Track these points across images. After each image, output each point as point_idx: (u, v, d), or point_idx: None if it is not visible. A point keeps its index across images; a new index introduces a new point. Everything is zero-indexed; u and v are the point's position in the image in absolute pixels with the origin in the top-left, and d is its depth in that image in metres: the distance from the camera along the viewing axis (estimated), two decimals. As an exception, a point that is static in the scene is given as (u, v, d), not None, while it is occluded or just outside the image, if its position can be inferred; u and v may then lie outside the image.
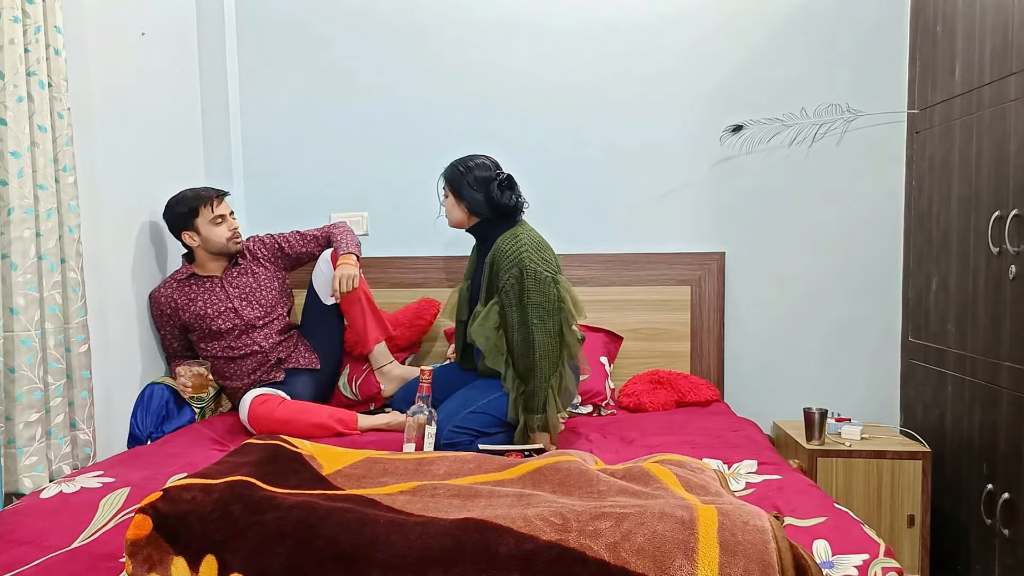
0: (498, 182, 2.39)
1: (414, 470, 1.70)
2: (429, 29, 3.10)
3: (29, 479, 2.00)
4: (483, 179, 2.39)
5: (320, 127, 3.16)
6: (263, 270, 2.71)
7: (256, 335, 2.61)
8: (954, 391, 2.53)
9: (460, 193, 2.41)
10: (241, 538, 1.34)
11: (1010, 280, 2.19)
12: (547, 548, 1.26)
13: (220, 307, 2.60)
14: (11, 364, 1.98)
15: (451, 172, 2.44)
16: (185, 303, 2.60)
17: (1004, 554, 2.23)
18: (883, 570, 1.43)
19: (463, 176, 2.40)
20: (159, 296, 2.62)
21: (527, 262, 2.26)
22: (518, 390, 2.28)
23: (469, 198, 2.40)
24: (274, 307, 2.68)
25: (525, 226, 2.41)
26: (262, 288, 2.68)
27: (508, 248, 2.31)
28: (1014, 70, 2.19)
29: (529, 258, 2.27)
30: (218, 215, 2.59)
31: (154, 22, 2.77)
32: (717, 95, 3.00)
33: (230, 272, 2.66)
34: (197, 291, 2.61)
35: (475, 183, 2.39)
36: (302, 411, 2.44)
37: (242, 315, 2.61)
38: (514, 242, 2.31)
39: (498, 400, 2.31)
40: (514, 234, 2.34)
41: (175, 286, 2.62)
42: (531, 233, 2.37)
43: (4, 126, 1.97)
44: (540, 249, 2.32)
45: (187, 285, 2.62)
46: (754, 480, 1.90)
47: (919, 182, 2.81)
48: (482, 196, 2.39)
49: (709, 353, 3.00)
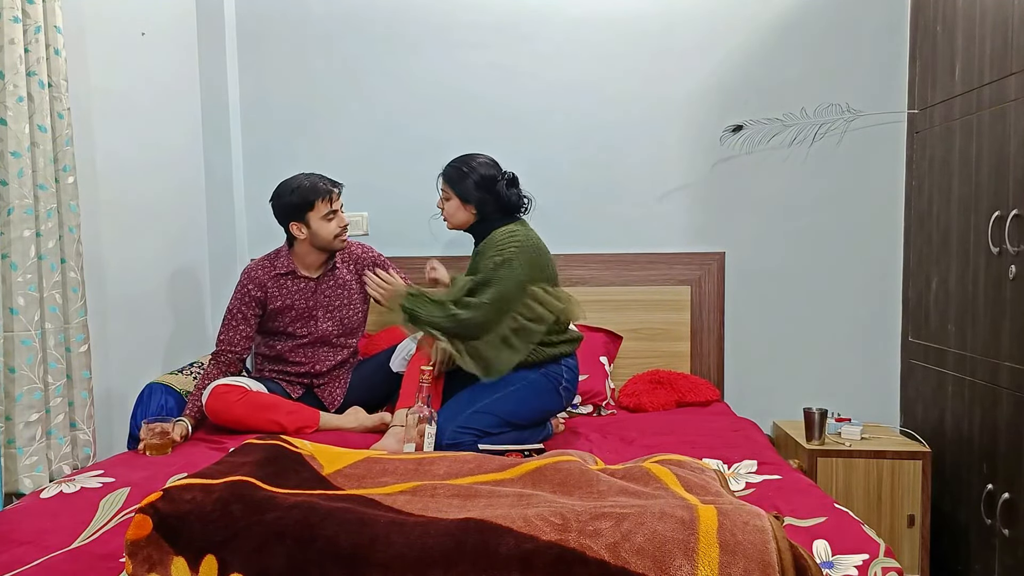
0: (505, 180, 2.39)
1: (414, 470, 1.70)
2: (429, 29, 3.10)
3: (29, 479, 2.01)
4: (489, 178, 2.37)
5: (320, 127, 3.16)
6: (359, 286, 2.62)
7: (321, 352, 2.56)
8: (954, 391, 2.53)
9: (465, 194, 2.37)
10: (241, 538, 1.34)
11: (1010, 280, 2.19)
12: (547, 548, 1.26)
13: (303, 311, 2.53)
14: (11, 364, 1.98)
15: (453, 173, 2.39)
16: (275, 294, 2.51)
17: (1004, 554, 2.23)
18: (883, 570, 1.43)
19: (467, 176, 2.37)
20: (255, 275, 2.51)
21: (511, 256, 2.25)
22: (444, 310, 2.22)
23: (476, 199, 2.37)
24: (354, 331, 2.62)
25: (525, 226, 2.41)
26: (351, 305, 2.61)
27: (501, 239, 2.31)
28: (1014, 70, 2.19)
29: (515, 254, 2.26)
30: (331, 211, 2.48)
31: (154, 22, 2.77)
32: (717, 95, 3.00)
33: (327, 278, 2.57)
34: (290, 288, 2.53)
35: (481, 183, 2.36)
36: (260, 408, 2.37)
37: (320, 326, 2.54)
38: (509, 236, 2.31)
39: (503, 399, 2.28)
40: (511, 230, 2.34)
41: (272, 276, 2.52)
42: (529, 233, 2.37)
43: (4, 126, 1.97)
44: (531, 251, 2.30)
45: (282, 279, 2.53)
46: (754, 480, 1.90)
47: (919, 182, 2.81)
48: (490, 195, 2.37)
49: (709, 353, 3.00)
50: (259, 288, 2.51)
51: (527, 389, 2.30)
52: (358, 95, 3.14)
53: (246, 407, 2.35)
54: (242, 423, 2.34)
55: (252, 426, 2.33)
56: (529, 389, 2.31)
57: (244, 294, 2.50)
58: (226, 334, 2.50)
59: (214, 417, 2.36)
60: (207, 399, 2.35)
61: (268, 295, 2.51)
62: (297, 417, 2.39)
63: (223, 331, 2.51)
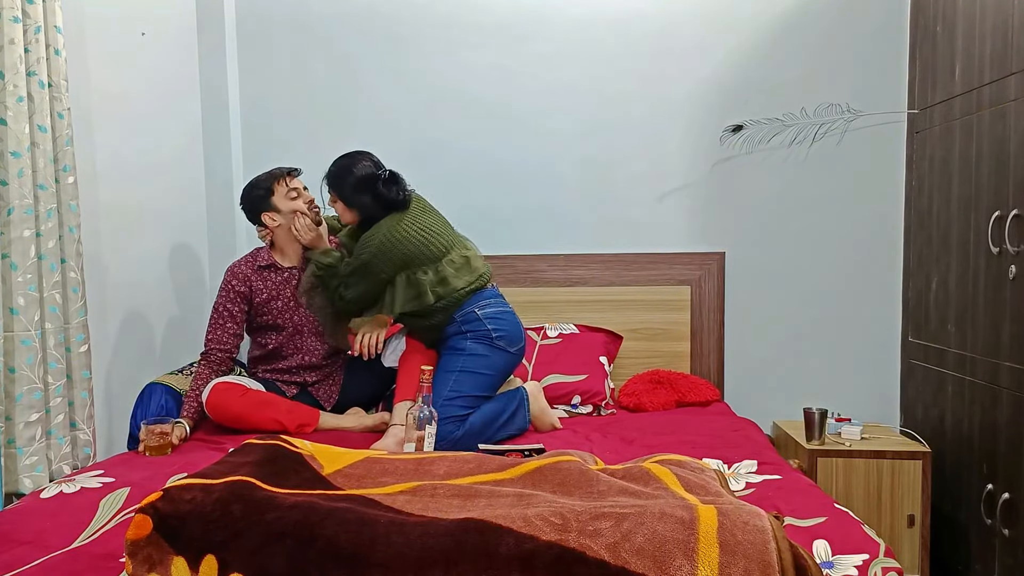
0: (381, 181, 2.42)
1: (414, 470, 1.70)
2: (429, 29, 3.10)
3: (29, 479, 2.01)
4: (367, 179, 2.42)
5: (320, 127, 3.16)
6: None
7: (310, 342, 2.57)
8: (954, 391, 2.53)
9: (347, 199, 2.45)
10: (241, 538, 1.34)
11: (1010, 280, 2.19)
12: (547, 548, 1.26)
13: (288, 300, 2.55)
14: (11, 364, 1.98)
15: (333, 178, 2.47)
16: (259, 287, 2.54)
17: (1004, 554, 2.23)
18: (883, 570, 1.43)
19: (344, 180, 2.44)
20: (238, 271, 2.54)
21: (367, 260, 2.37)
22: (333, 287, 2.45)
23: (357, 202, 2.44)
24: None
25: (403, 219, 2.42)
26: None
27: (365, 240, 2.41)
28: (1014, 70, 2.19)
29: (369, 259, 2.37)
30: (292, 188, 2.54)
31: (154, 22, 2.77)
32: (717, 95, 3.00)
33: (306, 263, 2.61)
34: (273, 280, 2.55)
35: (359, 185, 2.42)
36: (260, 405, 2.38)
37: (306, 313, 2.56)
38: (369, 238, 2.40)
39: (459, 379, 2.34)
40: (377, 228, 2.41)
41: (255, 269, 2.56)
42: (396, 228, 2.39)
43: (4, 126, 1.97)
44: (389, 250, 2.37)
45: (265, 272, 2.56)
46: (754, 480, 1.90)
47: (919, 182, 2.81)
48: (369, 197, 2.42)
49: (709, 353, 3.00)
50: (243, 283, 2.53)
51: (470, 360, 2.38)
52: (358, 95, 3.14)
53: (246, 404, 2.36)
54: (242, 420, 2.34)
55: (252, 423, 2.34)
56: (471, 360, 2.38)
57: (229, 290, 2.52)
58: (214, 332, 2.51)
59: (214, 414, 2.36)
60: (208, 396, 2.35)
61: (253, 289, 2.54)
62: (296, 415, 2.40)
63: (211, 330, 2.52)
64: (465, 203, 2.94)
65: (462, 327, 2.42)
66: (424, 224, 2.43)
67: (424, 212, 2.48)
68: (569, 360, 2.83)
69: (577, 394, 2.75)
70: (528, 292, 3.06)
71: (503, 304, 2.50)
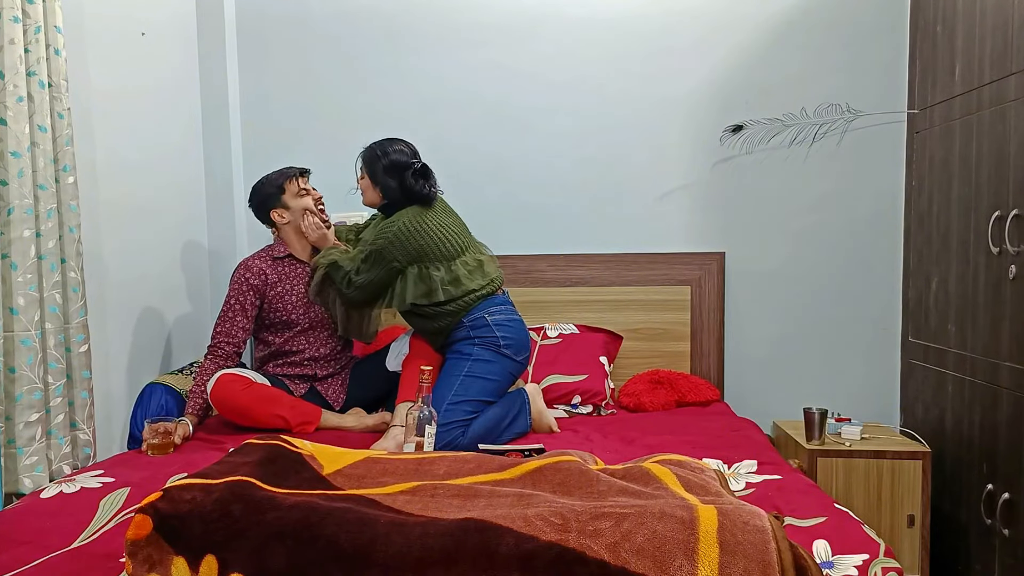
0: (412, 171, 2.44)
1: (414, 470, 1.70)
2: (430, 28, 3.10)
3: (29, 479, 2.01)
4: (399, 165, 2.45)
5: (320, 126, 3.16)
6: None
7: (320, 336, 2.59)
8: (954, 391, 2.53)
9: (375, 177, 2.48)
10: (241, 538, 1.34)
11: (1010, 280, 2.19)
12: (547, 548, 1.26)
13: (303, 294, 2.57)
14: (11, 364, 1.98)
15: (368, 155, 2.50)
16: (275, 280, 2.55)
17: (1004, 554, 2.23)
18: (883, 570, 1.43)
19: (379, 160, 2.47)
20: (252, 265, 2.54)
21: (381, 247, 2.38)
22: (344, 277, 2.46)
23: (383, 183, 2.47)
24: None
25: (424, 213, 2.43)
26: None
27: (383, 227, 2.42)
28: (1014, 70, 2.19)
29: (384, 245, 2.38)
30: (302, 188, 2.59)
31: (154, 22, 2.77)
32: (717, 95, 3.00)
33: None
34: (288, 272, 2.57)
35: (390, 168, 2.45)
36: (264, 400, 2.39)
37: (317, 308, 2.57)
38: (389, 225, 2.41)
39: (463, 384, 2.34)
40: (397, 217, 2.41)
41: (270, 261, 2.57)
42: (415, 220, 2.40)
43: (4, 126, 1.97)
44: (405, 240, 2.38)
45: (281, 264, 2.58)
46: (754, 480, 1.90)
47: (919, 182, 2.81)
48: (396, 183, 2.45)
49: (709, 353, 3.00)
50: (257, 276, 2.53)
51: (475, 365, 2.39)
52: (358, 94, 3.14)
53: (250, 397, 2.36)
54: (246, 413, 2.35)
55: (255, 417, 2.35)
56: (477, 365, 2.39)
57: (242, 283, 2.52)
58: (223, 326, 2.50)
59: (218, 405, 2.37)
60: (213, 387, 2.36)
61: (268, 281, 2.54)
62: (299, 412, 2.41)
63: (220, 324, 2.50)
64: (465, 202, 2.92)
65: (470, 332, 2.43)
66: (443, 223, 2.46)
67: (445, 213, 2.51)
68: (569, 360, 2.83)
69: (577, 394, 2.75)
70: (528, 292, 3.06)
71: (513, 312, 2.51)
